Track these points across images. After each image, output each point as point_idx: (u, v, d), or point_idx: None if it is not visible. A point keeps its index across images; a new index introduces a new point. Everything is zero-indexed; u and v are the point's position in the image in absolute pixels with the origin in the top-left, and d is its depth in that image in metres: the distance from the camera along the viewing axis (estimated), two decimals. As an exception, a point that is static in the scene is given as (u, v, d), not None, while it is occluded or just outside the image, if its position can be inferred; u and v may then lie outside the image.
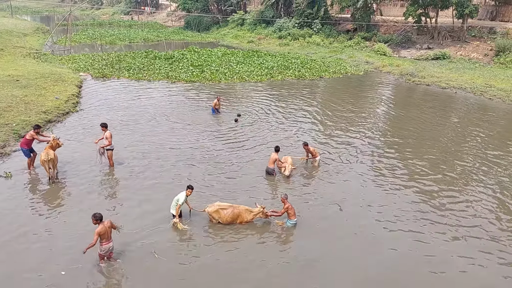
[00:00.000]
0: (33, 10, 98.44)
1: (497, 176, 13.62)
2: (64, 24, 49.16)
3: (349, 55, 38.36)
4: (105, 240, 8.48)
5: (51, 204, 11.15)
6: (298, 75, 30.02)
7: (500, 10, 39.24)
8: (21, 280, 8.27)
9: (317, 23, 45.68)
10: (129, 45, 46.11)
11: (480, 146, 16.49)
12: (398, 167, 14.19)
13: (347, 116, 20.28)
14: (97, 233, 8.29)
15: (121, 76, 27.73)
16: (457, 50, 35.77)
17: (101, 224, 8.40)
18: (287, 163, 13.25)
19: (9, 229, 9.88)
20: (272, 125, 18.42)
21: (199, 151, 15.19)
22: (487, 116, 20.80)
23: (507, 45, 32.19)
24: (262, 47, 44.79)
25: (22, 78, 23.41)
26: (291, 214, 10.28)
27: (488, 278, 8.80)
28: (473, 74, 29.65)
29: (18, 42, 39.18)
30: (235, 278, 8.56)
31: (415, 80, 28.91)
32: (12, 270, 8.55)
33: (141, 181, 12.65)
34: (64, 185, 12.30)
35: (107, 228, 8.47)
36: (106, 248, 8.55)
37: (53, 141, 12.66)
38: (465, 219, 10.92)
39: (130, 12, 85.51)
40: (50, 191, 11.94)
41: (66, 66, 29.79)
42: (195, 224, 10.44)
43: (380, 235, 10.18)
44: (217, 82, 27.21)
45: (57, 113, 18.58)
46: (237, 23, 55.52)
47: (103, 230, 8.38)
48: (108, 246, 8.56)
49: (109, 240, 8.56)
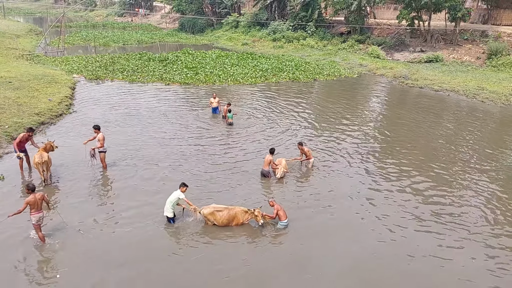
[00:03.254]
0: (26, 12, 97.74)
1: (487, 177, 13.77)
2: (57, 26, 48.94)
3: (343, 57, 38.56)
4: (35, 210, 9.11)
5: (43, 207, 11.03)
6: (292, 77, 30.10)
7: (492, 13, 39.67)
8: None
9: (311, 26, 45.90)
10: (123, 47, 45.96)
11: (471, 148, 16.64)
12: (390, 168, 14.27)
13: (340, 118, 20.35)
14: (26, 202, 9.03)
15: (115, 78, 27.62)
16: (449, 53, 36.08)
17: (32, 194, 9.10)
18: (281, 165, 13.27)
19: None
20: (267, 127, 18.43)
21: (193, 152, 15.16)
22: (479, 119, 20.98)
23: (499, 48, 32.56)
24: (257, 49, 44.88)
25: (14, 80, 23.21)
26: (281, 216, 10.32)
27: (468, 270, 8.99)
28: (466, 76, 29.93)
29: (10, 43, 38.90)
30: (228, 278, 8.56)
31: (408, 82, 29.12)
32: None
33: (134, 182, 12.58)
34: (57, 187, 12.21)
35: (37, 199, 9.14)
36: (37, 217, 9.14)
37: (47, 144, 12.59)
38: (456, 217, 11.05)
39: (124, 14, 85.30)
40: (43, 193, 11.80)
41: (59, 68, 29.59)
42: (189, 225, 10.41)
43: (371, 235, 10.23)
44: (211, 84, 27.20)
45: (50, 115, 18.45)
46: (231, 25, 55.59)
47: (33, 200, 9.05)
48: (38, 216, 9.16)
49: (38, 211, 9.16)
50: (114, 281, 8.41)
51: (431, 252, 9.65)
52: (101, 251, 9.28)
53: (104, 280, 8.41)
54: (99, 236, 9.80)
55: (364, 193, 12.49)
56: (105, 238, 9.73)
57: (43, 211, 9.31)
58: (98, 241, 9.63)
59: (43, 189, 11.95)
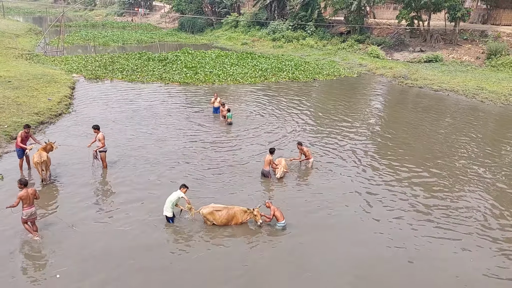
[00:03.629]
0: (26, 11, 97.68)
1: (487, 177, 13.79)
2: (57, 25, 48.92)
3: (343, 57, 38.58)
4: (27, 205, 9.21)
5: (42, 206, 11.02)
6: (292, 77, 30.10)
7: (492, 13, 39.71)
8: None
9: (310, 26, 45.90)
10: (122, 47, 45.92)
11: (471, 147, 16.66)
12: (389, 168, 14.27)
13: (340, 118, 20.37)
14: (19, 196, 9.11)
15: (114, 77, 27.61)
16: (449, 53, 36.11)
17: (25, 189, 9.17)
18: (281, 165, 13.28)
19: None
20: (266, 127, 18.43)
21: (193, 151, 15.16)
22: (478, 118, 21.00)
23: (499, 48, 32.59)
24: (256, 49, 44.89)
25: (14, 79, 23.20)
26: (278, 217, 10.32)
27: (466, 270, 8.95)
28: (465, 76, 29.96)
29: (10, 43, 38.86)
30: (227, 278, 8.57)
31: (408, 82, 29.14)
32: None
33: (133, 181, 12.58)
34: (56, 187, 12.20)
35: (29, 194, 9.22)
36: (28, 213, 9.26)
37: (48, 144, 12.62)
38: (455, 214, 11.07)
39: (124, 14, 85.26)
40: (42, 193, 11.79)
41: (59, 68, 29.57)
42: (188, 225, 10.42)
43: (370, 234, 10.24)
44: (211, 84, 27.20)
45: (50, 115, 18.44)
46: (231, 25, 55.58)
47: (25, 195, 9.15)
48: (30, 211, 9.28)
49: (30, 206, 9.28)
50: (112, 279, 8.40)
51: (430, 251, 9.66)
52: (99, 249, 9.27)
53: (102, 279, 8.40)
54: (98, 235, 9.80)
55: (364, 192, 12.49)
56: (104, 237, 9.72)
57: (34, 207, 9.43)
58: (97, 239, 9.63)
59: (41, 188, 11.96)
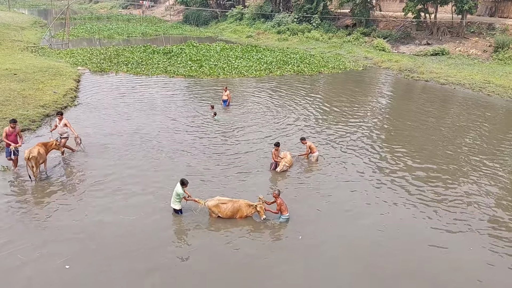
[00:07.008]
0: (31, 4, 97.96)
1: (492, 170, 13.71)
2: (62, 18, 48.93)
3: (348, 50, 38.33)
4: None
5: (28, 202, 10.88)
6: (297, 70, 29.97)
7: (499, 6, 39.21)
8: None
9: (316, 18, 45.55)
10: (127, 40, 45.93)
11: (477, 140, 16.55)
12: (394, 160, 14.22)
13: (345, 111, 20.28)
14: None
15: (119, 70, 27.64)
16: (456, 46, 35.75)
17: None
18: (285, 159, 13.28)
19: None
20: (271, 120, 18.41)
21: (197, 144, 15.20)
22: (485, 112, 20.84)
23: (506, 41, 32.19)
24: (261, 42, 44.69)
25: (19, 72, 23.31)
26: (283, 210, 10.34)
27: (465, 260, 8.99)
28: (472, 70, 29.69)
29: (15, 35, 39.00)
30: (231, 269, 8.63)
31: (414, 76, 28.92)
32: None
33: (136, 173, 12.63)
34: (49, 183, 11.97)
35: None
36: None
37: (51, 141, 12.72)
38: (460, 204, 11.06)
39: (128, 6, 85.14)
40: (32, 189, 11.59)
41: (64, 60, 29.67)
42: (194, 217, 10.47)
43: (373, 226, 10.26)
44: (216, 77, 27.17)
45: (55, 108, 18.52)
46: (235, 17, 55.32)
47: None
48: None
49: None
50: (116, 271, 8.47)
51: (431, 241, 9.79)
52: (103, 239, 9.36)
53: (106, 270, 8.47)
54: (102, 225, 9.89)
55: (368, 185, 12.49)
56: (108, 227, 9.82)
57: None
58: (101, 229, 9.73)
59: (31, 185, 11.70)
